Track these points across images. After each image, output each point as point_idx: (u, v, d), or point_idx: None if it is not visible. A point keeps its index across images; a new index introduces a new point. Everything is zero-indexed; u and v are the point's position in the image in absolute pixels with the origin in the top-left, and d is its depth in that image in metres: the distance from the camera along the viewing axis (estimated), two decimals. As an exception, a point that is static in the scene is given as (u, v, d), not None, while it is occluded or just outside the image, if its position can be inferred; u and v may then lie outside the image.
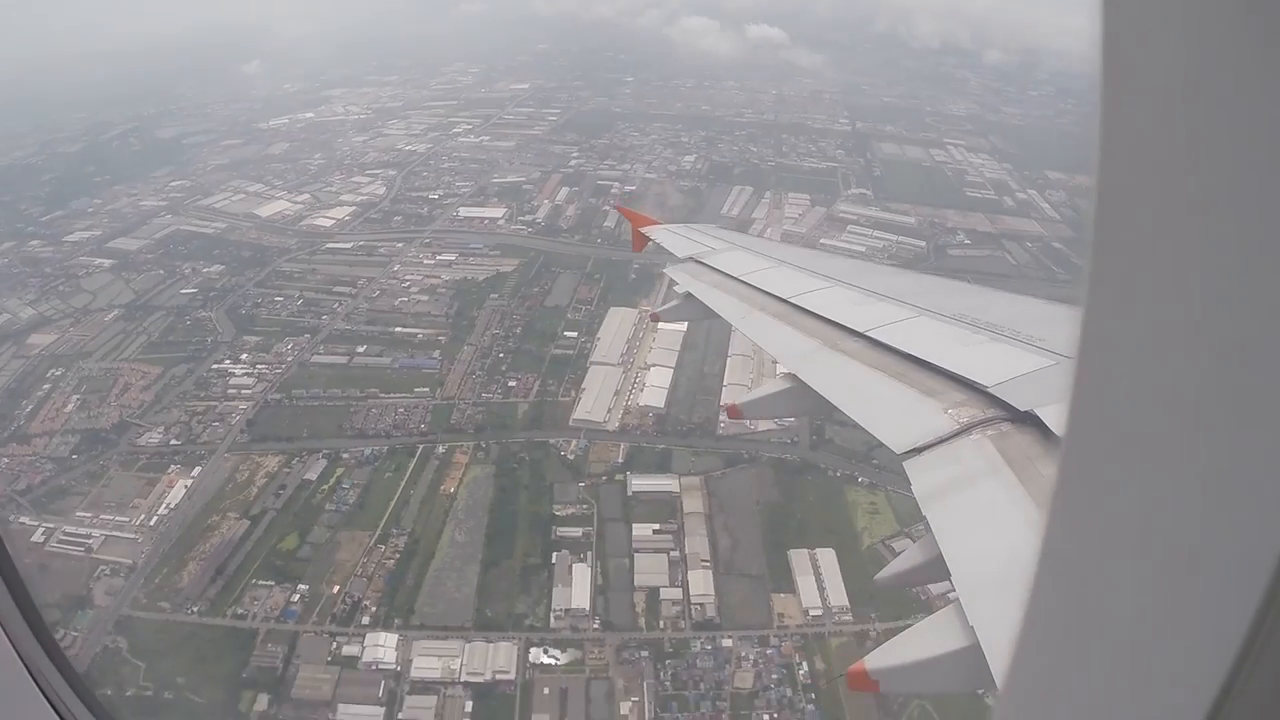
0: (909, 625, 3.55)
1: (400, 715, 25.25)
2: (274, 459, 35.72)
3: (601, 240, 59.12)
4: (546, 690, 26.03)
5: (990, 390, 4.54)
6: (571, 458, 36.38)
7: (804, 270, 7.57)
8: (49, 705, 2.77)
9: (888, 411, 4.87)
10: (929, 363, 5.04)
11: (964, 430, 4.28)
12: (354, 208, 65.63)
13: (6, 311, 47.25)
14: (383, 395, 40.40)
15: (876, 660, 3.41)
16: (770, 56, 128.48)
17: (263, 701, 25.45)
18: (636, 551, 30.98)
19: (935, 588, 4.59)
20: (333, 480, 34.69)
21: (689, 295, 7.75)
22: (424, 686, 26.19)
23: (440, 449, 36.74)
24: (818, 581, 29.43)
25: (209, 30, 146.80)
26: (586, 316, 48.68)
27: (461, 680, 26.21)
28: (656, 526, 32.22)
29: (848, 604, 28.50)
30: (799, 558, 30.54)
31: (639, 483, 34.46)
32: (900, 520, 32.07)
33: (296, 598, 28.86)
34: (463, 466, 35.78)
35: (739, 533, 32.20)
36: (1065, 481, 1.07)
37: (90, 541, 30.83)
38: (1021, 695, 1.25)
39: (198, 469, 34.80)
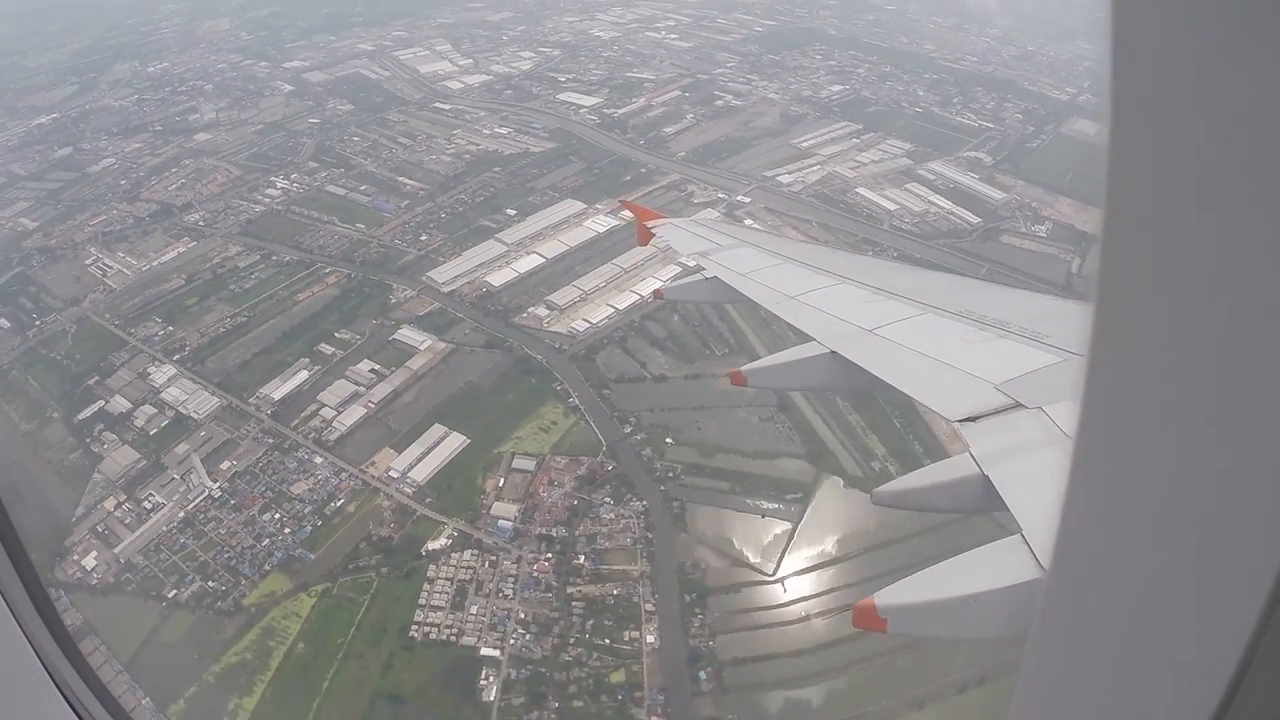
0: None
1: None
2: (236, 249, 52.45)
3: (644, 144, 64.04)
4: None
5: (998, 387, 5.04)
6: (392, 301, 46.30)
7: (810, 267, 8.33)
8: (68, 707, 3.06)
9: (939, 386, 5.55)
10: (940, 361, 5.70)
11: (1017, 405, 4.83)
12: (490, 78, 79.90)
13: (198, 113, 71.94)
14: (338, 224, 54.43)
15: (888, 598, 3.56)
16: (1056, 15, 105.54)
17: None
18: (342, 378, 40.63)
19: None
20: (249, 269, 50.14)
21: (705, 279, 8.76)
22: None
23: (326, 270, 49.58)
24: (423, 454, 35.92)
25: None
26: (546, 201, 55.91)
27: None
28: (375, 367, 41.16)
29: (421, 482, 34.68)
30: (434, 431, 37.09)
31: (404, 333, 43.30)
32: (556, 449, 36.05)
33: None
34: (327, 285, 48.29)
35: (426, 393, 39.67)
36: (1076, 480, 1.20)
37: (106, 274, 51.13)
38: (1038, 690, 1.41)
39: (192, 243, 53.11)
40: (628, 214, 53.51)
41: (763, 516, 33.50)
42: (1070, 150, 63.89)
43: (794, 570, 31.46)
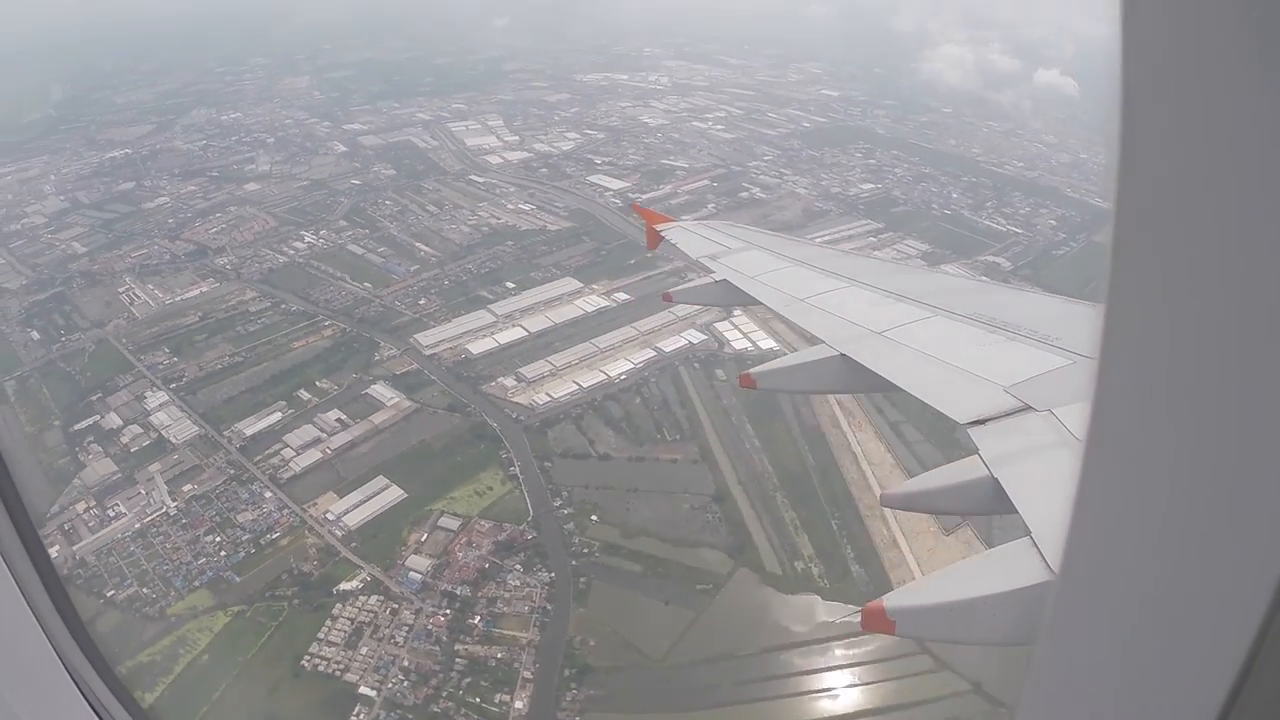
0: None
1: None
2: (252, 294, 59.53)
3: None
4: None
5: (1008, 390, 5.26)
6: (376, 358, 51.88)
7: (820, 270, 8.90)
8: (89, 706, 3.23)
9: (948, 389, 5.80)
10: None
11: (1026, 407, 5.07)
12: (530, 155, 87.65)
13: (254, 163, 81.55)
14: (348, 281, 61.08)
15: (897, 600, 3.72)
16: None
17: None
18: (310, 423, 45.89)
19: None
20: (258, 314, 56.88)
21: (714, 282, 9.35)
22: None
23: (325, 323, 55.84)
24: (361, 501, 40.42)
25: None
26: (546, 277, 61.58)
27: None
28: (342, 417, 46.31)
29: (351, 527, 39.07)
30: (377, 482, 41.65)
31: (377, 389, 48.59)
32: (484, 513, 40.00)
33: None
34: (322, 336, 54.39)
35: (381, 446, 44.44)
36: (1086, 482, 1.25)
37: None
38: (1046, 692, 1.47)
39: (215, 285, 60.50)
40: (622, 294, 59.13)
41: (666, 604, 36.27)
42: (1097, 258, 65.89)
43: (681, 661, 33.99)
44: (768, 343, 53.56)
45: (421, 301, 58.40)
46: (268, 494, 41.46)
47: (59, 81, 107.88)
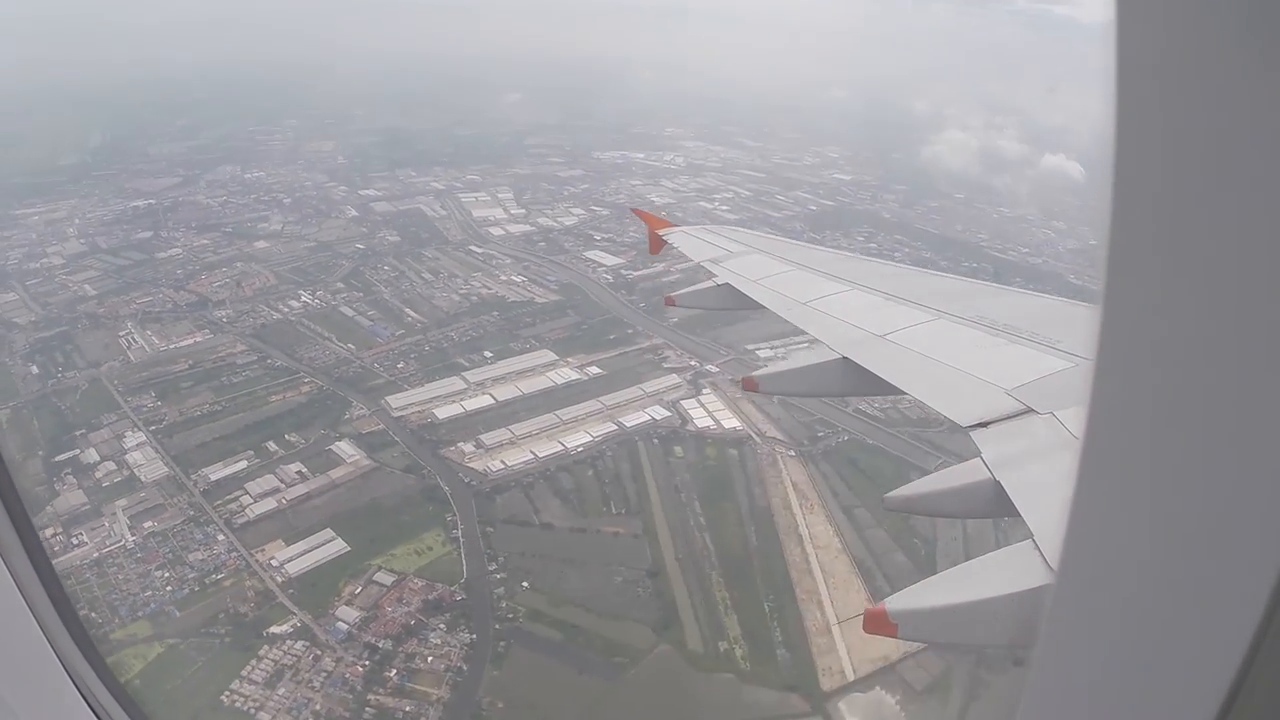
0: None
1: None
2: (242, 347, 64.56)
3: (644, 306, 74.15)
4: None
5: (1010, 393, 5.40)
6: (345, 416, 56.06)
7: (822, 273, 9.30)
8: (87, 706, 3.33)
9: (950, 391, 5.99)
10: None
11: (1028, 410, 5.24)
12: (532, 229, 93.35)
13: (267, 222, 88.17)
14: (334, 341, 65.94)
15: (899, 603, 3.83)
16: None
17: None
18: (272, 473, 49.84)
19: None
20: (244, 366, 61.71)
21: (716, 285, 10.04)
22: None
23: (305, 380, 60.43)
24: (305, 551, 43.94)
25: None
26: (524, 348, 65.94)
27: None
28: (303, 469, 50.25)
29: (292, 575, 42.47)
30: (324, 534, 45.22)
31: (340, 445, 52.60)
32: (419, 572, 43.24)
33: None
34: (300, 392, 58.88)
35: (334, 501, 48.12)
36: (1083, 482, 1.30)
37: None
38: (1046, 694, 1.52)
39: (209, 336, 65.74)
40: (594, 368, 62.96)
41: (580, 674, 38.83)
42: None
43: (585, 731, 36.39)
44: (732, 422, 56.85)
45: (399, 365, 62.78)
46: (220, 537, 45.05)
47: (99, 128, 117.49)
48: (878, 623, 3.70)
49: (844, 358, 6.97)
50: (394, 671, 37.61)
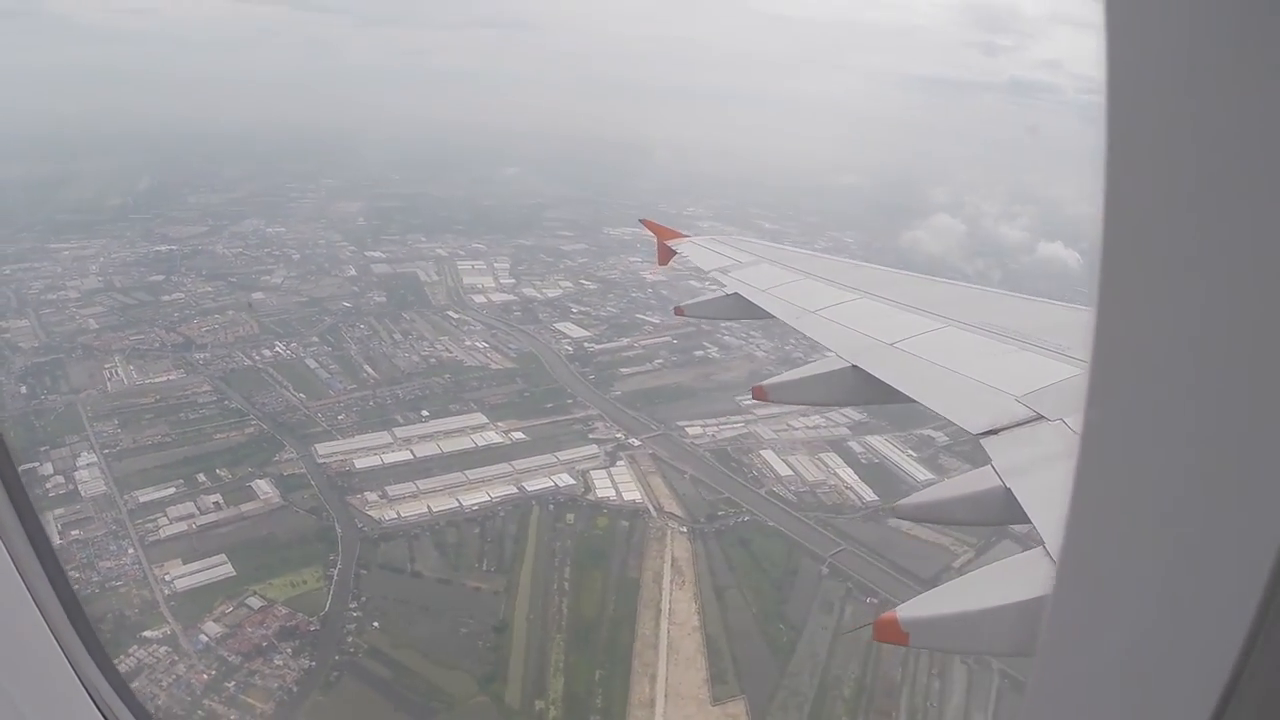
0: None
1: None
2: (206, 388, 74.41)
3: (593, 379, 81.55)
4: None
5: (1020, 400, 5.63)
6: (275, 459, 64.57)
7: (831, 282, 9.81)
8: (92, 702, 3.50)
9: (960, 399, 6.26)
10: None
11: (1039, 417, 5.46)
12: (514, 298, 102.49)
13: (270, 275, 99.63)
14: (289, 389, 75.20)
15: (911, 610, 3.97)
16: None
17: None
18: (193, 501, 58.34)
19: None
20: (203, 405, 71.32)
21: (726, 295, 10.40)
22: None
23: (250, 421, 69.53)
24: (197, 570, 51.92)
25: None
26: (460, 410, 73.89)
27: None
28: (219, 500, 58.59)
29: (179, 590, 50.38)
30: (217, 558, 53.14)
31: (260, 484, 60.86)
32: (287, 601, 50.65)
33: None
34: (243, 433, 67.90)
35: (238, 531, 56.07)
36: (1082, 483, 1.35)
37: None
38: (1049, 696, 1.59)
39: (182, 375, 75.91)
40: (519, 434, 69.88)
41: (394, 709, 45.00)
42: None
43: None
44: (633, 495, 62.58)
45: (340, 416, 71.32)
46: (131, 550, 53.46)
47: (152, 174, 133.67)
48: (889, 631, 3.82)
49: (853, 366, 7.34)
50: (232, 683, 44.66)
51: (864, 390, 7.30)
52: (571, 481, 63.99)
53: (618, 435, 71.65)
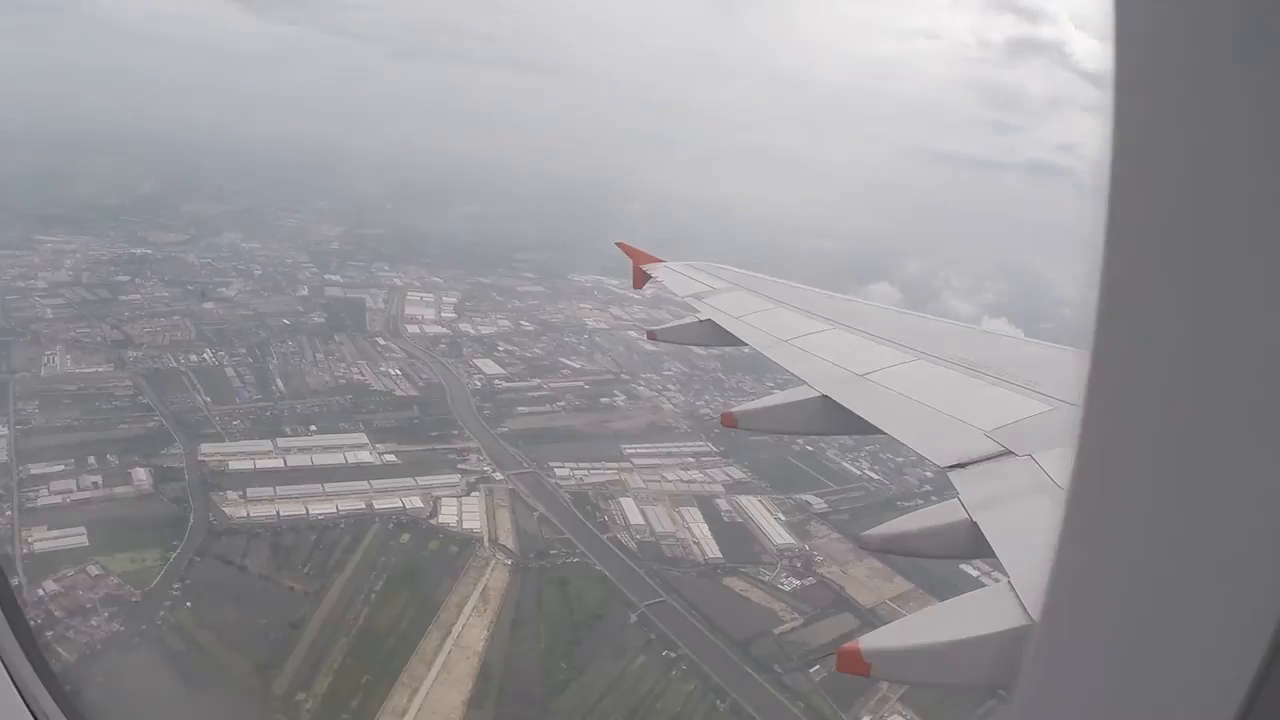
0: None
1: None
2: (127, 381, 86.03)
3: (487, 414, 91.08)
4: None
5: (988, 434, 5.83)
6: (162, 451, 75.43)
7: (804, 312, 10.25)
8: (27, 710, 3.57)
9: (929, 432, 6.50)
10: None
11: (1007, 452, 5.68)
12: (448, 332, 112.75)
13: (230, 290, 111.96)
14: (200, 393, 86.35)
15: (874, 642, 4.11)
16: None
17: None
18: (74, 479, 69.46)
19: None
20: (119, 396, 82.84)
21: (698, 321, 10.95)
22: None
23: (154, 416, 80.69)
24: (56, 537, 62.63)
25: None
26: (346, 428, 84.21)
27: None
28: (98, 481, 69.58)
29: (36, 551, 61.10)
30: (77, 529, 63.85)
31: (138, 471, 71.77)
32: (121, 574, 61.10)
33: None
34: (145, 425, 79.03)
35: (104, 509, 66.77)
36: (1077, 489, 1.34)
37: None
38: (1035, 705, 1.58)
39: (110, 368, 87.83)
40: (391, 456, 79.27)
41: (176, 676, 54.65)
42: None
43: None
44: (473, 524, 70.20)
45: (235, 422, 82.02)
46: (8, 512, 64.47)
47: (156, 178, 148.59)
48: (851, 661, 3.90)
49: (823, 396, 7.65)
50: (50, 633, 54.79)
51: (833, 421, 7.61)
52: (420, 505, 72.45)
53: (486, 468, 79.42)
